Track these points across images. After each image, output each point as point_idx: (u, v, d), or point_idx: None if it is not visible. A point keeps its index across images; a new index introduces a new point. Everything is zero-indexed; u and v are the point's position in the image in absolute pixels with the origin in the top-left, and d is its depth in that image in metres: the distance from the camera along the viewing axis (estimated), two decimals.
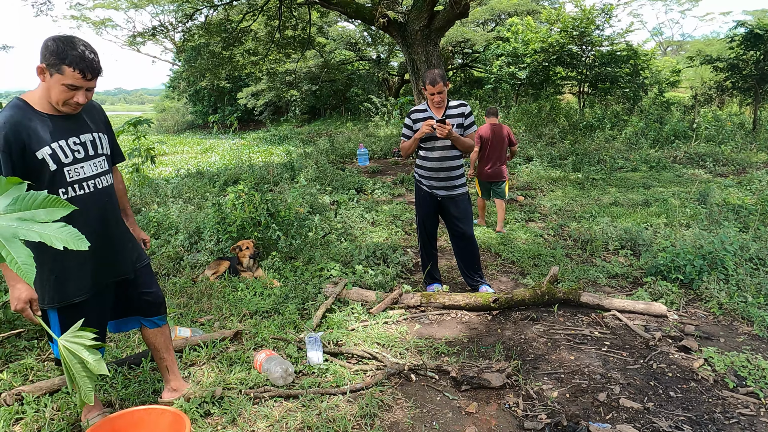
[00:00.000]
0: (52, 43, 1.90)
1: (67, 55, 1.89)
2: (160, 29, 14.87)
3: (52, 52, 1.89)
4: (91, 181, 2.10)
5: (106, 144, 2.21)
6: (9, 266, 1.40)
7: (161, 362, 2.52)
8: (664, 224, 5.47)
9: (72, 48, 1.90)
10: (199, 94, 25.79)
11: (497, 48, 16.29)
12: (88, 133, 2.12)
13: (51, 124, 2.00)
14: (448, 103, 3.78)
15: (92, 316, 2.17)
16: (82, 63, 1.90)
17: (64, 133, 2.03)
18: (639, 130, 11.71)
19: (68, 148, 2.03)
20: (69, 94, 1.96)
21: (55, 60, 1.89)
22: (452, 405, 2.55)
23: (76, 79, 1.92)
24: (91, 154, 2.11)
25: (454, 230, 3.90)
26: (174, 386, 2.56)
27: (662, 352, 3.01)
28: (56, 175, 1.99)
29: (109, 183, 2.20)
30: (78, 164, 2.06)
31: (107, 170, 2.20)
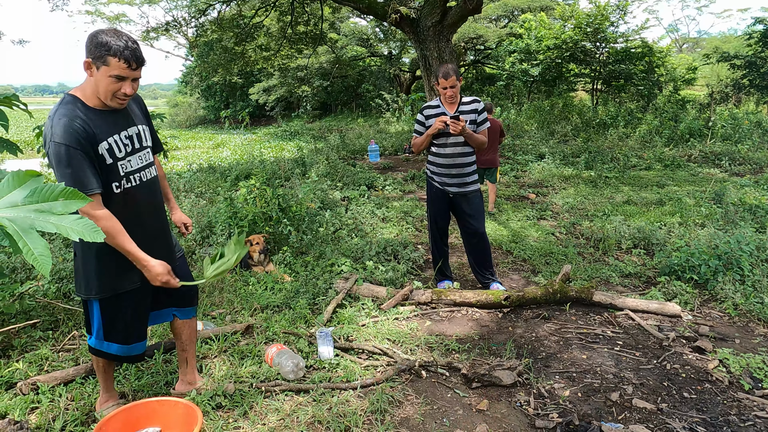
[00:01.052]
0: (96, 37, 1.93)
1: (111, 46, 1.91)
2: (173, 24, 14.96)
3: (97, 45, 1.92)
4: (137, 174, 2.14)
5: (148, 136, 2.24)
6: (26, 257, 1.42)
7: (182, 353, 2.54)
8: (678, 223, 5.41)
9: (116, 39, 1.93)
10: (212, 90, 25.90)
11: (510, 44, 16.17)
12: (134, 126, 2.16)
13: (105, 118, 2.04)
14: (461, 99, 3.75)
15: (133, 308, 2.23)
16: (126, 52, 1.93)
17: (117, 127, 2.07)
18: (653, 128, 11.56)
19: (121, 143, 2.07)
20: (116, 86, 1.97)
21: (100, 52, 1.91)
22: (463, 402, 2.54)
23: (121, 70, 1.94)
24: (137, 147, 2.15)
25: (466, 227, 3.88)
26: (189, 380, 2.58)
27: (676, 353, 2.97)
28: (111, 169, 2.03)
29: (153, 175, 2.25)
30: (128, 157, 2.10)
31: (151, 162, 2.24)
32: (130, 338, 2.27)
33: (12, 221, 1.41)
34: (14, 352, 3.02)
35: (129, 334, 2.27)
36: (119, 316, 2.22)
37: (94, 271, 2.11)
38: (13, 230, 1.38)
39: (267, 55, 15.82)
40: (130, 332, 2.26)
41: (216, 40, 14.89)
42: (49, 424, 2.32)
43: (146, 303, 2.31)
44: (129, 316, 2.24)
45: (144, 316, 2.33)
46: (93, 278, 2.12)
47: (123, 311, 2.21)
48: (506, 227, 5.71)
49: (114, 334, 2.24)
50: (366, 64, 22.55)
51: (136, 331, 2.29)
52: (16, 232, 1.40)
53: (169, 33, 16.11)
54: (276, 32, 14.88)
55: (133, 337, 2.29)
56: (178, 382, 2.60)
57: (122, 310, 2.21)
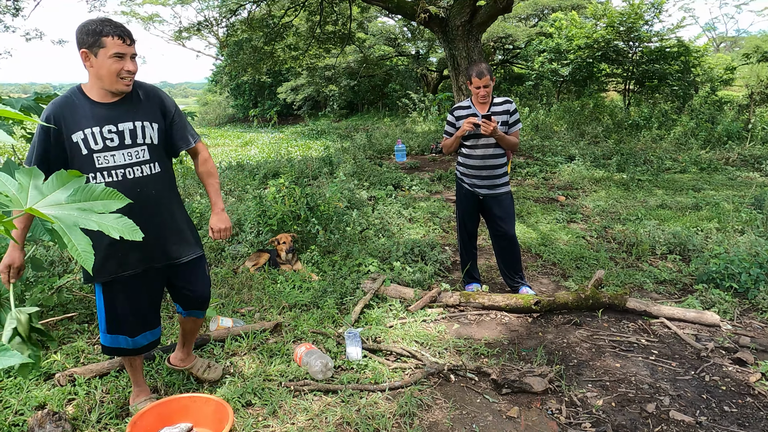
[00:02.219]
0: (85, 27, 1.99)
1: (102, 29, 1.98)
2: (204, 24, 15.24)
3: (87, 32, 1.98)
4: (121, 170, 2.09)
5: (152, 134, 2.17)
6: (71, 253, 1.46)
7: (181, 338, 2.64)
8: (716, 229, 5.23)
9: (104, 21, 2.00)
10: (241, 89, 26.28)
11: (539, 44, 15.91)
12: (129, 122, 2.11)
13: (92, 110, 2.07)
14: (493, 100, 3.70)
15: (133, 297, 2.25)
16: (118, 29, 2.00)
17: (101, 121, 2.07)
18: (689, 130, 11.22)
19: (100, 136, 2.06)
20: (119, 65, 2.02)
21: (93, 38, 1.97)
22: (492, 408, 2.51)
23: (118, 46, 1.99)
24: (127, 143, 2.10)
25: (496, 230, 3.83)
26: (181, 357, 2.67)
27: (715, 364, 2.87)
28: (86, 161, 2.06)
29: (147, 173, 2.15)
30: (109, 152, 2.07)
31: (147, 160, 2.16)
32: (134, 330, 2.28)
33: (58, 218, 1.45)
34: (52, 344, 3.11)
35: (133, 325, 2.27)
36: (120, 302, 2.22)
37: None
38: (59, 227, 1.43)
39: (295, 55, 15.96)
40: (132, 322, 2.27)
41: (246, 39, 15.09)
42: (85, 416, 2.38)
43: (152, 291, 2.30)
44: (131, 304, 2.24)
45: (151, 306, 2.33)
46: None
47: (125, 299, 2.22)
48: (535, 230, 5.62)
49: (117, 324, 2.25)
50: (393, 64, 22.54)
51: (141, 320, 2.29)
52: (62, 229, 1.44)
53: (201, 33, 16.41)
54: (305, 32, 14.99)
55: (139, 327, 2.29)
56: (172, 355, 2.71)
57: (125, 297, 2.22)
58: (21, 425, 2.32)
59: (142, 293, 2.28)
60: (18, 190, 1.49)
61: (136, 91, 2.18)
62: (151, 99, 2.22)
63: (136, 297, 2.26)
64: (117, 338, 2.29)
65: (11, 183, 1.50)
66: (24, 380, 2.65)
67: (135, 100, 2.16)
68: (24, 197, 1.48)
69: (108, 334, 2.28)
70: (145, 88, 2.22)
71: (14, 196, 1.47)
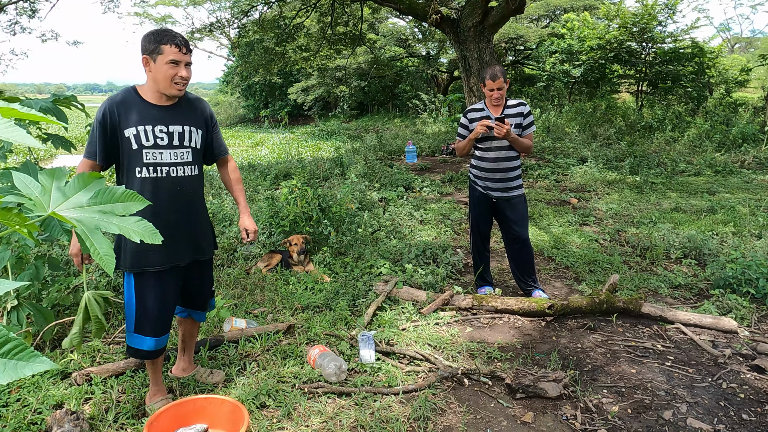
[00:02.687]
0: (148, 35, 2.20)
1: (162, 36, 2.17)
2: (216, 25, 15.34)
3: (150, 40, 2.18)
4: (166, 168, 2.27)
5: (197, 138, 2.36)
6: (92, 256, 1.47)
7: (181, 343, 2.71)
8: (732, 233, 5.16)
9: (164, 31, 2.20)
10: (252, 89, 26.42)
11: (551, 45, 15.82)
12: (179, 125, 2.30)
13: (146, 110, 2.24)
14: (506, 102, 3.69)
15: (163, 291, 2.32)
16: (176, 39, 2.18)
17: (153, 120, 2.24)
18: (703, 132, 11.10)
19: (151, 134, 2.23)
20: (174, 71, 2.19)
21: (153, 45, 2.17)
22: (507, 413, 2.49)
23: (175, 54, 2.17)
24: (175, 144, 2.29)
25: (509, 233, 3.82)
26: (183, 366, 2.74)
27: (732, 371, 2.83)
28: (136, 155, 2.21)
29: (188, 174, 2.34)
30: (157, 149, 2.24)
31: (190, 162, 2.34)
32: (157, 329, 2.34)
33: (80, 221, 1.47)
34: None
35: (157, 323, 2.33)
36: (152, 298, 2.29)
37: (129, 244, 2.25)
38: (81, 230, 1.44)
39: (306, 56, 16.02)
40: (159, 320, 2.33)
41: (257, 40, 15.18)
42: (102, 416, 2.40)
43: (176, 290, 2.39)
44: (160, 300, 2.31)
45: (172, 307, 2.40)
46: (127, 251, 2.26)
47: (155, 293, 2.30)
48: (547, 232, 5.58)
49: (146, 321, 2.30)
50: (404, 65, 22.53)
51: (167, 318, 2.38)
52: (84, 232, 1.45)
53: (213, 34, 16.54)
54: (316, 33, 15.04)
55: (160, 328, 2.35)
56: (174, 366, 2.77)
57: (155, 291, 2.30)
58: (39, 423, 2.35)
59: (170, 290, 2.37)
60: (41, 193, 1.50)
61: (186, 99, 2.37)
62: (197, 108, 2.41)
63: (164, 293, 2.35)
64: (144, 340, 2.33)
65: (34, 185, 1.51)
66: (42, 379, 2.69)
67: (184, 106, 2.35)
68: (47, 200, 1.49)
69: (135, 334, 2.32)
70: (192, 98, 2.42)
71: (37, 200, 1.48)
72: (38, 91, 79.11)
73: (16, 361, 0.84)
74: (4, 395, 2.57)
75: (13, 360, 0.84)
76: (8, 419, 2.36)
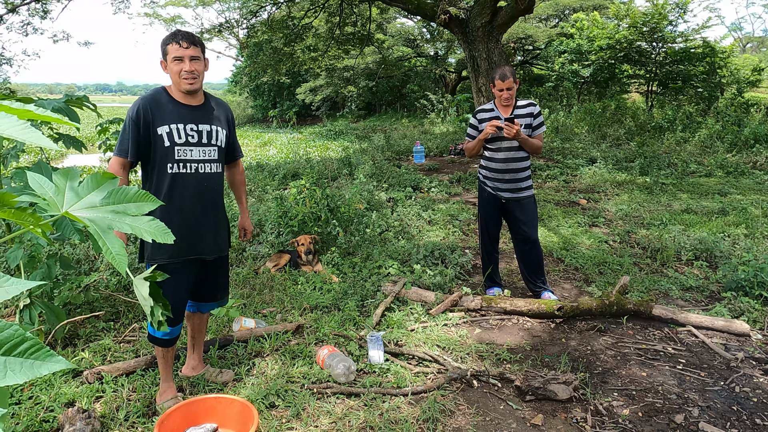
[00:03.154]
0: (161, 41, 2.35)
1: (167, 38, 2.31)
2: (225, 26, 15.38)
3: (161, 45, 2.32)
4: (194, 164, 2.36)
5: (222, 138, 2.46)
6: (105, 256, 1.48)
7: (190, 340, 2.75)
8: (743, 235, 5.11)
9: (170, 33, 2.32)
10: (260, 89, 26.50)
11: (560, 45, 15.74)
12: (207, 124, 2.40)
13: (177, 109, 2.34)
14: (516, 103, 3.67)
15: (178, 284, 2.37)
16: (177, 35, 2.28)
17: (184, 119, 2.34)
18: (714, 132, 10.99)
19: (183, 132, 2.33)
20: (179, 66, 2.27)
21: (162, 48, 2.31)
22: (516, 415, 2.48)
23: (176, 50, 2.26)
24: (204, 142, 2.38)
25: (519, 234, 3.80)
26: (193, 365, 2.76)
27: (745, 375, 2.80)
28: (168, 152, 2.30)
29: (213, 171, 2.43)
30: (188, 147, 2.34)
31: (216, 160, 2.44)
32: (177, 319, 2.43)
33: (92, 221, 1.48)
34: (80, 342, 3.17)
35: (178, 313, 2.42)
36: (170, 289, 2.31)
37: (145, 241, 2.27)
38: (93, 230, 1.44)
39: (315, 56, 16.04)
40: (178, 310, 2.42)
41: (266, 40, 15.23)
42: (113, 414, 2.42)
43: (188, 284, 2.46)
44: (177, 292, 2.37)
45: (184, 300, 2.48)
46: (147, 246, 2.35)
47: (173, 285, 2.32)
48: (557, 234, 5.55)
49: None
50: (412, 65, 22.50)
51: (182, 311, 2.46)
52: (96, 232, 1.46)
53: (222, 34, 16.58)
54: (324, 33, 15.07)
55: (179, 317, 2.45)
56: (184, 366, 2.79)
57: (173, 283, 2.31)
58: (51, 421, 2.37)
59: (187, 282, 2.44)
60: (55, 193, 1.51)
61: (213, 100, 2.50)
62: (221, 110, 2.53)
63: (180, 284, 2.41)
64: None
65: (48, 185, 1.52)
66: (54, 377, 2.71)
67: (211, 107, 2.46)
68: (60, 200, 1.50)
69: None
70: (217, 100, 2.53)
71: (51, 199, 1.49)
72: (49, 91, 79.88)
73: (32, 360, 0.84)
74: (17, 393, 2.59)
75: (30, 359, 0.84)
76: (21, 417, 2.38)
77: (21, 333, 0.85)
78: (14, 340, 0.84)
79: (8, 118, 1.02)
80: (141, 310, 3.60)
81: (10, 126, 1.01)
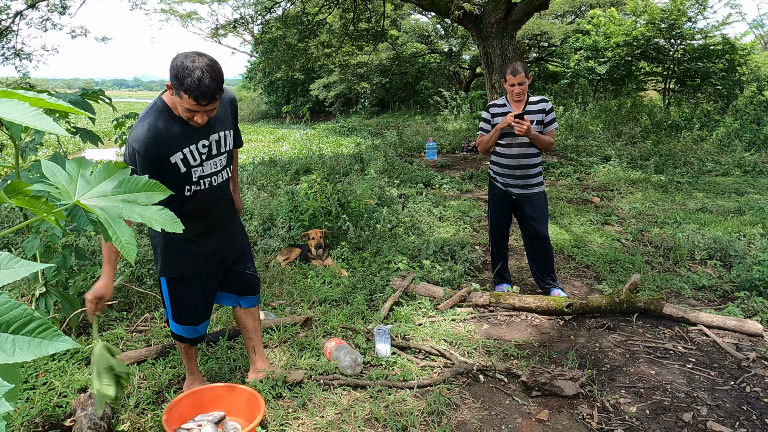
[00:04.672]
0: (177, 64, 1.94)
1: (184, 81, 1.91)
2: (240, 22, 15.48)
3: (174, 75, 1.94)
4: (208, 179, 2.23)
5: (230, 141, 2.30)
6: (114, 244, 1.51)
7: (248, 342, 2.65)
8: (760, 235, 5.02)
9: (190, 74, 1.91)
10: (274, 85, 26.63)
11: (576, 41, 15.57)
12: (216, 133, 2.21)
13: (184, 129, 2.10)
14: (528, 98, 3.65)
15: (198, 292, 2.38)
16: (197, 91, 1.92)
17: (195, 137, 2.13)
18: (732, 131, 10.79)
19: (197, 152, 2.15)
20: (189, 115, 2.03)
21: (176, 83, 1.95)
22: (522, 410, 2.48)
23: (191, 105, 1.96)
24: (213, 153, 2.22)
25: (529, 231, 3.78)
26: (258, 367, 2.66)
27: (756, 375, 2.76)
28: (186, 176, 2.15)
29: (224, 179, 2.32)
30: (203, 164, 2.19)
31: (226, 165, 2.30)
32: (198, 319, 2.42)
33: (103, 210, 1.51)
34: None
35: (197, 315, 2.41)
36: (185, 297, 2.36)
37: (162, 254, 2.29)
38: (104, 219, 1.47)
39: (328, 52, 16.08)
40: (196, 313, 2.41)
41: (280, 37, 15.28)
42: (124, 401, 2.47)
43: (211, 289, 2.45)
44: (193, 297, 2.38)
45: (210, 298, 2.47)
46: (160, 260, 2.30)
47: (188, 292, 2.36)
48: (568, 231, 5.51)
49: (182, 316, 2.38)
50: (425, 61, 22.43)
51: (200, 311, 2.44)
52: (107, 220, 1.49)
53: (236, 30, 16.72)
54: (338, 29, 15.09)
55: (201, 317, 2.44)
56: (250, 371, 2.68)
57: (188, 290, 2.36)
58: (64, 407, 2.43)
59: (207, 286, 2.43)
60: (68, 182, 1.54)
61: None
62: (227, 106, 2.28)
63: (201, 290, 2.40)
64: (180, 328, 2.42)
65: (61, 174, 1.55)
66: (67, 364, 2.77)
67: (218, 109, 2.17)
68: (73, 189, 1.53)
69: (174, 323, 2.42)
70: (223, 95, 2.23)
71: (64, 188, 1.52)
72: (68, 86, 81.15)
73: (40, 339, 0.87)
74: (32, 379, 2.66)
75: (38, 338, 0.87)
76: (35, 401, 2.45)
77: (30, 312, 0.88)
78: (23, 320, 0.87)
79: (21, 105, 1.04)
80: (153, 301, 3.65)
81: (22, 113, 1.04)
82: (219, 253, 2.40)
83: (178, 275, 2.32)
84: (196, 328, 2.44)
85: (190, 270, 2.33)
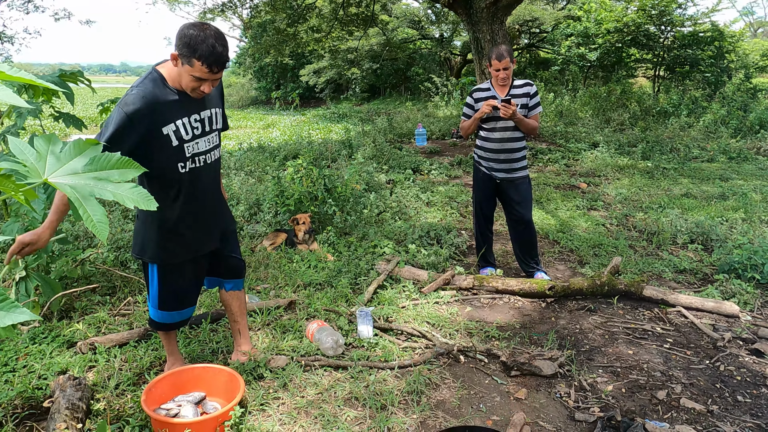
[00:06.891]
0: (186, 34, 1.92)
1: (198, 48, 1.91)
2: (229, 5, 15.28)
3: (186, 43, 1.92)
4: (203, 156, 2.19)
5: (220, 119, 2.28)
6: (85, 223, 1.49)
7: (234, 325, 2.65)
8: (741, 220, 5.09)
9: (203, 41, 1.91)
10: (264, 71, 26.36)
11: (567, 27, 15.53)
12: (207, 109, 2.19)
13: (178, 101, 2.07)
14: (513, 82, 3.64)
15: (188, 277, 2.35)
16: (211, 57, 1.93)
17: (188, 111, 2.10)
18: (719, 118, 10.86)
19: (189, 126, 2.11)
20: (196, 84, 2.01)
21: (187, 51, 1.92)
22: (500, 389, 2.52)
23: (203, 73, 1.96)
24: (207, 130, 2.20)
25: (513, 214, 3.80)
26: (244, 349, 2.66)
27: (731, 354, 2.82)
28: (177, 151, 2.09)
29: (216, 158, 2.29)
30: (195, 140, 2.14)
31: (216, 144, 2.28)
32: (184, 304, 2.40)
33: (73, 188, 1.48)
34: (75, 314, 3.23)
35: (184, 301, 2.39)
36: (177, 283, 2.33)
37: (155, 240, 2.22)
38: (74, 197, 1.45)
39: (318, 37, 15.92)
40: (185, 298, 2.39)
41: (269, 21, 15.10)
42: (104, 382, 2.47)
43: (200, 274, 2.43)
44: (186, 284, 2.36)
45: (199, 284, 2.46)
46: (152, 245, 2.22)
47: (181, 278, 2.33)
48: (554, 216, 5.55)
49: (170, 302, 2.35)
50: (416, 47, 22.28)
51: (190, 297, 2.42)
52: (77, 199, 1.46)
53: (225, 14, 16.47)
54: (328, 14, 14.91)
55: (187, 303, 2.41)
56: (234, 353, 2.69)
57: (181, 277, 2.33)
58: (44, 389, 2.42)
59: (199, 271, 2.41)
60: (36, 159, 1.51)
61: None
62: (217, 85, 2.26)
63: (193, 276, 2.38)
64: (164, 315, 2.37)
65: (30, 151, 1.52)
66: (48, 347, 2.76)
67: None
68: (42, 166, 1.50)
69: (158, 310, 2.37)
70: None
71: (32, 166, 1.49)
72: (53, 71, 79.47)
73: None
74: (12, 362, 2.65)
75: None
76: (14, 383, 2.44)
77: None
78: None
79: None
80: (137, 285, 3.64)
81: None
82: (212, 237, 2.37)
83: (172, 261, 2.27)
84: (182, 312, 2.41)
85: (185, 256, 2.28)
